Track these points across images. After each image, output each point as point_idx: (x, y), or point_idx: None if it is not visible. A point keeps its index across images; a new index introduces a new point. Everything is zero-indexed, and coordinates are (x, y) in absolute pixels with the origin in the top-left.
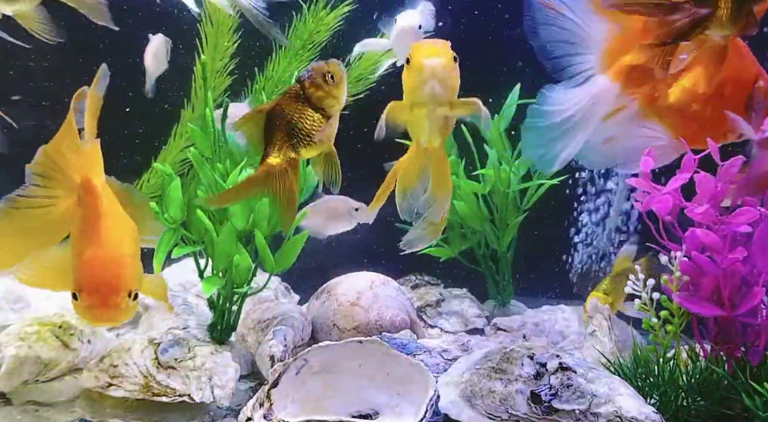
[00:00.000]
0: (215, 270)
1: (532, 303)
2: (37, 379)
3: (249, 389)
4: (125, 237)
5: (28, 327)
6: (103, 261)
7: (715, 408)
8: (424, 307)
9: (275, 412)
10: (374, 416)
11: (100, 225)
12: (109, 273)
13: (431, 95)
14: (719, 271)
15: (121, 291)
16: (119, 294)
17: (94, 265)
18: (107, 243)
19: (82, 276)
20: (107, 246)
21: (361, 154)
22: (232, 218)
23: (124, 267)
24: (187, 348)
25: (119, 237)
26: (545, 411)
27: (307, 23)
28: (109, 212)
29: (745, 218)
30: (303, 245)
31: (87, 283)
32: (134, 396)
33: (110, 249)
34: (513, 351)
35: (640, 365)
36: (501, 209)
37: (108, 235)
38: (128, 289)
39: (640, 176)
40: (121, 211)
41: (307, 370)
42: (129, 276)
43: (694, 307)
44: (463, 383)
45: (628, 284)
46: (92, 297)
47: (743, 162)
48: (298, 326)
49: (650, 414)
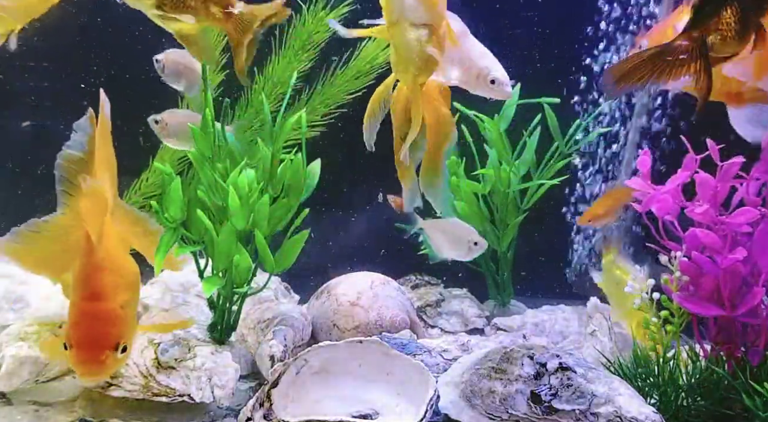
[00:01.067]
0: (215, 270)
1: (532, 303)
2: (37, 379)
3: (249, 389)
4: (120, 286)
5: (28, 327)
6: (91, 317)
7: (715, 408)
8: (424, 307)
9: (275, 412)
10: (374, 416)
11: (93, 277)
12: (95, 331)
13: (401, 10)
14: (719, 271)
15: (107, 349)
16: (104, 351)
17: (82, 322)
18: (98, 297)
19: (71, 330)
20: (97, 301)
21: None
22: (232, 218)
23: (113, 324)
24: (187, 348)
25: (113, 288)
26: (545, 411)
27: (306, 23)
28: (105, 260)
29: (745, 218)
30: (303, 245)
31: (75, 339)
32: (134, 396)
33: (100, 304)
34: (513, 351)
35: (640, 365)
36: (501, 209)
37: (100, 288)
38: (116, 345)
39: (639, 176)
40: (120, 255)
41: (307, 370)
42: (117, 333)
43: (694, 307)
44: (463, 383)
45: (628, 284)
46: (79, 353)
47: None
48: (298, 326)
49: (650, 414)
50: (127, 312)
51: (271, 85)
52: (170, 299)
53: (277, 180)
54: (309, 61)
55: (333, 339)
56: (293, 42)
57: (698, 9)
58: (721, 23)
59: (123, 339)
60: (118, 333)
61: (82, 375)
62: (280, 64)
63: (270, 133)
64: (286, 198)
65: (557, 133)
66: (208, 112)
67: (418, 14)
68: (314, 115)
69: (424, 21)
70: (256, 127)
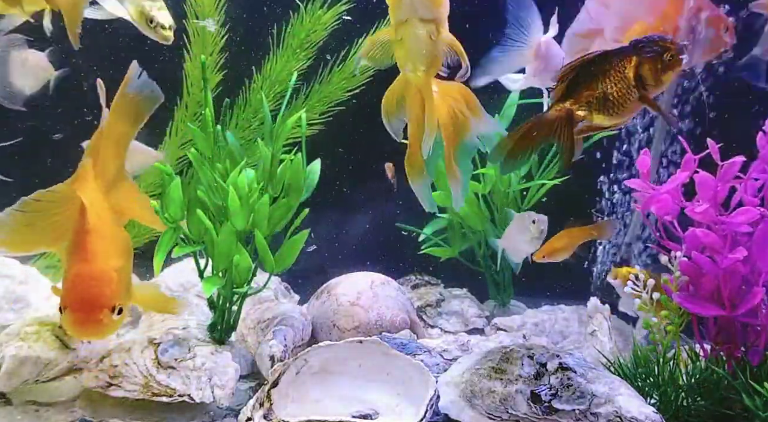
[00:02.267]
0: (215, 270)
1: (532, 303)
2: (37, 379)
3: (249, 389)
4: (113, 251)
5: (28, 327)
6: (87, 278)
7: (715, 408)
8: (424, 307)
9: (275, 412)
10: (374, 416)
11: (87, 241)
12: (92, 290)
13: (412, 7)
14: (719, 271)
15: (104, 308)
16: (101, 310)
17: (78, 282)
18: (93, 259)
19: (67, 291)
20: (92, 263)
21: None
22: (232, 218)
23: (108, 284)
24: (187, 348)
25: (106, 252)
26: (545, 411)
27: (305, 22)
28: (98, 227)
29: (745, 218)
30: (303, 245)
31: (71, 299)
32: (134, 396)
33: (95, 265)
34: (513, 351)
35: (640, 365)
36: (501, 209)
37: (93, 251)
38: (111, 305)
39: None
40: (112, 223)
41: (307, 370)
42: (113, 293)
43: (694, 307)
44: (463, 383)
45: (628, 284)
46: (75, 313)
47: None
48: (298, 326)
49: (650, 414)
50: (122, 276)
51: (269, 84)
52: None
53: (277, 180)
54: (307, 60)
55: (333, 339)
56: (291, 41)
57: (565, 83)
58: (590, 97)
59: (118, 301)
60: (113, 293)
61: (78, 334)
62: (279, 63)
63: (270, 132)
64: (286, 198)
65: None
66: (208, 112)
67: (427, 11)
68: (313, 113)
69: (431, 17)
70: (254, 126)
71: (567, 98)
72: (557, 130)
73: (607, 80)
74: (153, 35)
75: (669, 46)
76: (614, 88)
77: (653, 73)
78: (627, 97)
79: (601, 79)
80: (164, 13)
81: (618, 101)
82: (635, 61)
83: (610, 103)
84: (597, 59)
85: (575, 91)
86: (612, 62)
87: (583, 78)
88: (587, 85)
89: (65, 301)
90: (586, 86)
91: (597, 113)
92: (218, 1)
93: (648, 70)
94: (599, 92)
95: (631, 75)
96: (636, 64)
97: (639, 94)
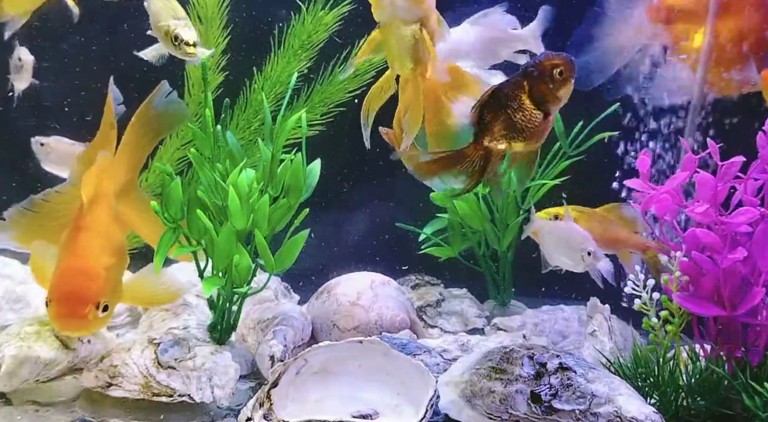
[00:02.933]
0: (215, 270)
1: (532, 303)
2: (37, 379)
3: (249, 389)
4: (106, 250)
5: (28, 327)
6: (74, 272)
7: (715, 408)
8: (424, 307)
9: (275, 412)
10: (374, 416)
11: (79, 237)
12: (77, 285)
13: (392, 10)
14: (719, 271)
15: (88, 303)
16: (86, 305)
17: (65, 276)
18: (83, 255)
19: (53, 285)
20: (82, 258)
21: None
22: (232, 218)
23: (94, 280)
24: (187, 348)
25: (98, 250)
26: (545, 411)
27: (306, 23)
28: (93, 224)
29: (745, 218)
30: (303, 245)
31: (57, 293)
32: (134, 396)
33: (84, 261)
34: (513, 351)
35: (640, 365)
36: (501, 209)
37: (84, 248)
38: (96, 301)
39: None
40: (108, 223)
41: (307, 370)
42: (99, 289)
43: (694, 307)
44: (463, 383)
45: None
46: (60, 306)
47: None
48: (298, 326)
49: (650, 414)
50: (111, 275)
51: (270, 85)
52: None
53: (277, 180)
54: (308, 61)
55: (333, 339)
56: (292, 41)
57: (478, 122)
58: (503, 130)
59: (104, 298)
60: (98, 289)
61: (62, 328)
62: (279, 64)
63: (270, 132)
64: (286, 198)
65: (562, 134)
66: (208, 112)
67: (407, 12)
68: (313, 114)
69: (413, 18)
70: (255, 127)
71: (484, 134)
72: (473, 166)
73: (509, 111)
74: (178, 54)
75: (557, 63)
76: (519, 116)
77: (547, 92)
78: (533, 120)
79: (504, 111)
80: (189, 31)
81: (527, 126)
82: (527, 86)
83: (521, 130)
84: (495, 92)
85: (488, 127)
86: (508, 92)
87: (491, 113)
88: (496, 119)
89: (51, 294)
90: (495, 120)
91: (514, 142)
92: (221, 3)
93: (542, 91)
94: (508, 123)
95: (527, 100)
96: (528, 88)
97: (542, 115)
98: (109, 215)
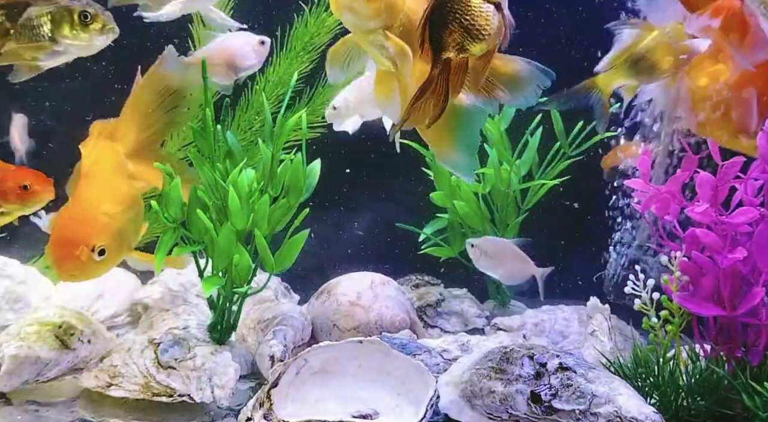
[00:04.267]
0: (215, 270)
1: (532, 303)
2: (37, 379)
3: (249, 389)
4: (108, 198)
5: (28, 327)
6: (71, 216)
7: (715, 408)
8: (424, 307)
9: (275, 412)
10: (374, 416)
11: (80, 185)
12: (70, 227)
13: (350, 21)
14: (719, 271)
15: (81, 245)
16: (78, 246)
17: (62, 220)
18: (81, 200)
19: (52, 230)
20: (79, 203)
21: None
22: (232, 218)
23: (89, 223)
24: (187, 348)
25: (97, 197)
26: (545, 411)
27: (309, 25)
28: (93, 174)
29: (745, 218)
30: (303, 245)
31: (54, 237)
32: (134, 396)
33: (81, 205)
34: (513, 351)
35: (640, 365)
36: (501, 209)
37: (83, 194)
38: (91, 244)
39: (638, 176)
40: (112, 175)
41: (307, 370)
42: (94, 232)
43: (694, 307)
44: (463, 383)
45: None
46: (54, 249)
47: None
48: (298, 326)
49: (650, 414)
50: (113, 222)
51: (272, 86)
52: (170, 299)
53: (277, 180)
54: (310, 63)
55: (333, 339)
56: (295, 43)
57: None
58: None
59: (99, 241)
60: (93, 232)
61: (59, 274)
62: (281, 66)
63: (270, 133)
64: (286, 198)
65: (561, 134)
66: (208, 112)
67: (365, 23)
68: (315, 116)
69: (373, 27)
70: (256, 128)
71: (441, 49)
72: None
73: (458, 15)
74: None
75: None
76: (468, 17)
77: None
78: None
79: (453, 17)
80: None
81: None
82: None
83: (476, 31)
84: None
85: (441, 39)
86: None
87: (440, 24)
88: (446, 29)
89: (50, 240)
90: (445, 30)
91: (473, 45)
92: (225, 5)
93: None
94: (460, 28)
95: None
96: None
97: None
98: (113, 169)
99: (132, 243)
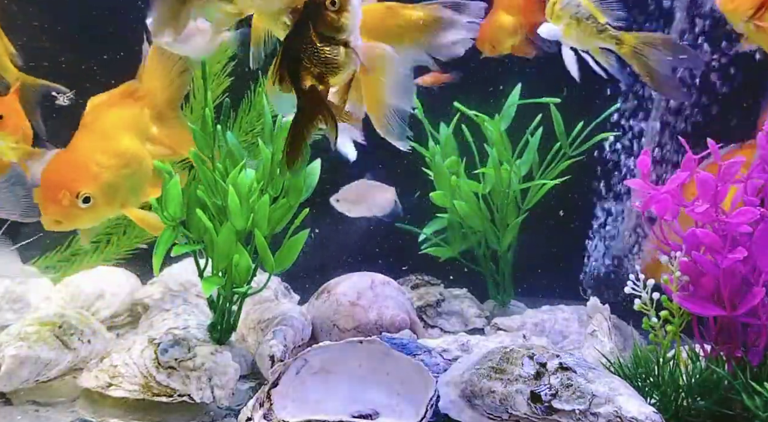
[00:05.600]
0: (215, 270)
1: (532, 303)
2: (37, 379)
3: (249, 389)
4: (106, 153)
5: (28, 327)
6: (59, 162)
7: (715, 408)
8: (424, 307)
9: (275, 412)
10: (374, 416)
11: (77, 134)
12: (58, 171)
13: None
14: (719, 271)
15: (63, 189)
16: (61, 191)
17: (50, 165)
18: (73, 149)
19: (41, 175)
20: (70, 151)
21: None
22: (232, 218)
23: (76, 169)
24: (187, 348)
25: (91, 147)
26: (545, 411)
27: None
28: (93, 126)
29: (745, 218)
30: (303, 245)
31: (42, 182)
32: (134, 396)
33: (71, 153)
34: (513, 351)
35: (640, 365)
36: (501, 209)
37: (77, 143)
38: (75, 190)
39: (638, 176)
40: (113, 129)
41: (307, 370)
42: (79, 178)
43: (694, 307)
44: (463, 383)
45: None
46: (40, 192)
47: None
48: (298, 326)
49: (650, 414)
50: (103, 173)
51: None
52: (170, 299)
53: (277, 180)
54: None
55: (333, 339)
56: None
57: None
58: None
59: (86, 188)
60: (79, 178)
61: (43, 217)
62: None
63: (270, 133)
64: (286, 198)
65: (562, 133)
66: (208, 112)
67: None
68: None
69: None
70: (258, 130)
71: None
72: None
73: (309, 54)
74: None
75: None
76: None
77: (330, 23)
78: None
79: (305, 56)
80: None
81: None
82: (310, 25)
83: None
84: (286, 47)
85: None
86: (297, 37)
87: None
88: (302, 69)
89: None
90: (302, 71)
91: (332, 77)
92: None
93: (325, 25)
94: (314, 66)
95: (316, 38)
96: (310, 26)
97: (343, 44)
98: (124, 125)
99: (128, 202)
